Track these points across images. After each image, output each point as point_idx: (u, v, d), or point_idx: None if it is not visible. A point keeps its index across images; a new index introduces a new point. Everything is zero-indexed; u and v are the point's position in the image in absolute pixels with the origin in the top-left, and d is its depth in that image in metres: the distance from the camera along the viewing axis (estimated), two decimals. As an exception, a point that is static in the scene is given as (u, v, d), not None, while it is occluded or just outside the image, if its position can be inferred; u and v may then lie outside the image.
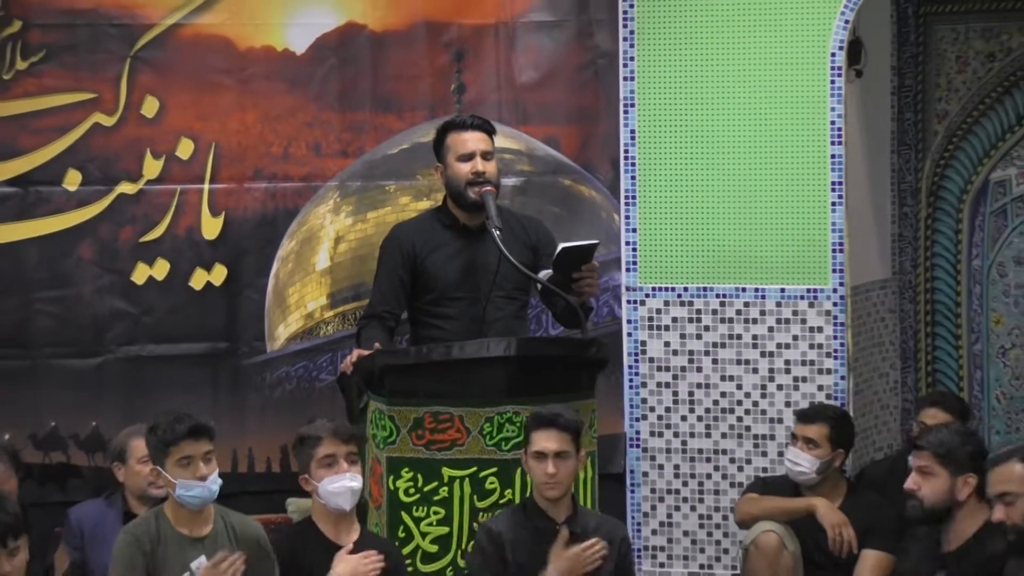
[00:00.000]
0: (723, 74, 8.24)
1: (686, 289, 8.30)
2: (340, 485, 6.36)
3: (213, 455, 6.19)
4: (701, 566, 8.31)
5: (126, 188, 8.50)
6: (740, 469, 8.20)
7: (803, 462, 7.49)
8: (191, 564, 6.26)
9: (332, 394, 7.72)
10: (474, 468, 6.87)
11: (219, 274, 8.59)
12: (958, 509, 6.44)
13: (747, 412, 8.25)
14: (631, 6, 8.28)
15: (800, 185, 8.18)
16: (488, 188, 7.13)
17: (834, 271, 8.18)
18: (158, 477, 6.27)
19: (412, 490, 6.89)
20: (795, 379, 8.21)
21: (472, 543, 6.67)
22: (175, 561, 6.17)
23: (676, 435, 8.28)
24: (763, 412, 8.23)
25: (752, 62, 8.21)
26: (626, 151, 8.32)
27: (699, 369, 8.26)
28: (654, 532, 8.26)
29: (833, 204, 8.14)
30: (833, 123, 8.15)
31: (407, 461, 6.85)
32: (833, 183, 8.14)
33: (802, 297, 8.21)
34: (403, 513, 6.86)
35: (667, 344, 8.30)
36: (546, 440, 6.36)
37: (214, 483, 6.14)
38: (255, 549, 6.32)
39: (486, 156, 7.21)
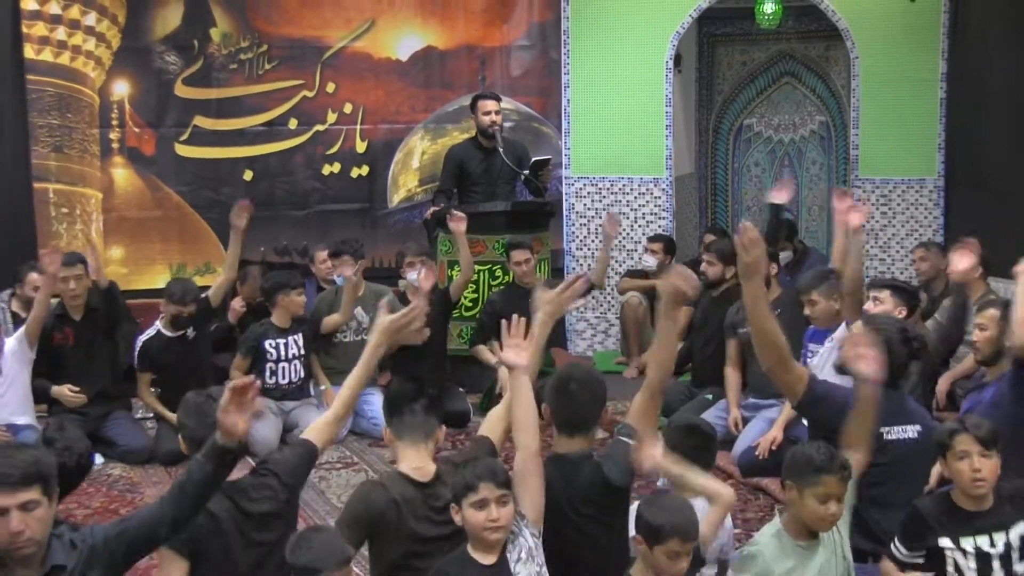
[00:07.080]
0: (614, 71, 8.09)
1: (594, 177, 8.14)
2: (415, 276, 6.26)
3: (350, 264, 6.12)
4: (600, 314, 8.20)
5: (319, 127, 8.36)
6: (620, 265, 8.07)
7: (651, 261, 7.39)
8: (354, 310, 6.25)
9: (420, 229, 7.63)
10: (490, 265, 6.85)
11: (365, 170, 8.45)
12: (729, 280, 6.23)
13: (624, 240, 8.10)
14: (568, 38, 8.05)
15: (649, 127, 8.04)
16: (496, 127, 7.00)
17: (667, 168, 8.07)
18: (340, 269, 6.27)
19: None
20: (647, 223, 8.08)
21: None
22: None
23: (588, 249, 8.16)
24: (632, 239, 8.07)
25: (628, 65, 8.05)
26: (565, 110, 8.13)
27: (600, 218, 8.09)
28: (577, 296, 8.15)
29: (667, 136, 7.98)
30: (667, 96, 7.99)
31: (456, 262, 6.73)
32: (667, 125, 8.02)
33: (651, 182, 8.07)
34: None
35: (585, 205, 8.15)
36: (517, 256, 6.41)
37: (340, 278, 6.15)
38: (385, 298, 6.31)
39: (496, 112, 7.08)
